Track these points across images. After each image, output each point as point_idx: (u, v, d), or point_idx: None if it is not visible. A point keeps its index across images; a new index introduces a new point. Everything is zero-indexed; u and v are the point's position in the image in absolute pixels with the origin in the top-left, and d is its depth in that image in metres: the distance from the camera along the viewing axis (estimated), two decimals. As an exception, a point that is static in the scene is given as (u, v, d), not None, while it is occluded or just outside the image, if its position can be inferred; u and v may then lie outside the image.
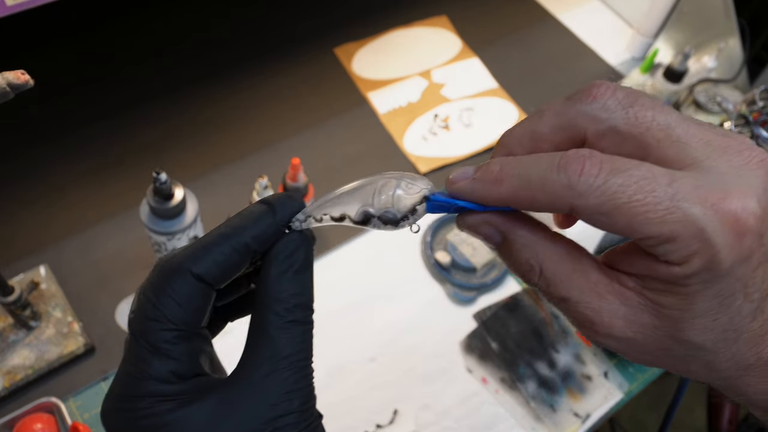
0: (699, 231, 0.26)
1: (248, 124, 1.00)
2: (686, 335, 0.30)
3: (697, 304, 0.28)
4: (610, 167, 0.26)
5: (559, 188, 0.27)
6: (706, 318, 0.29)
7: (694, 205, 0.26)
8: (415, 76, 1.10)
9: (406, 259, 0.89)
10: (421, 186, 0.32)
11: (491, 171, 0.29)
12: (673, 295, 0.28)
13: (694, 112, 0.97)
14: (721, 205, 0.26)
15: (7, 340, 0.75)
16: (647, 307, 0.30)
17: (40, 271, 0.80)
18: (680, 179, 0.26)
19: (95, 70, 1.01)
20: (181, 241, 0.71)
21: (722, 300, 0.29)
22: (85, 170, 0.91)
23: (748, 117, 0.74)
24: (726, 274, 0.28)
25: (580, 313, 0.31)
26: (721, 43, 1.04)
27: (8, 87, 0.51)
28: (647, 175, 0.26)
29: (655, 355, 0.31)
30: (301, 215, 0.33)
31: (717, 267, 0.27)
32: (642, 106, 0.28)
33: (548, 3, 1.23)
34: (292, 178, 0.80)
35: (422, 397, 0.77)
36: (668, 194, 0.26)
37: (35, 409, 0.69)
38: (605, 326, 0.30)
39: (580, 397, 0.80)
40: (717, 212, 0.26)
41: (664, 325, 0.30)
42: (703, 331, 0.29)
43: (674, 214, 0.26)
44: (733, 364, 0.31)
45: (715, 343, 0.30)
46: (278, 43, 1.09)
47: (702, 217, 0.26)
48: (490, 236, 0.31)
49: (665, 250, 0.27)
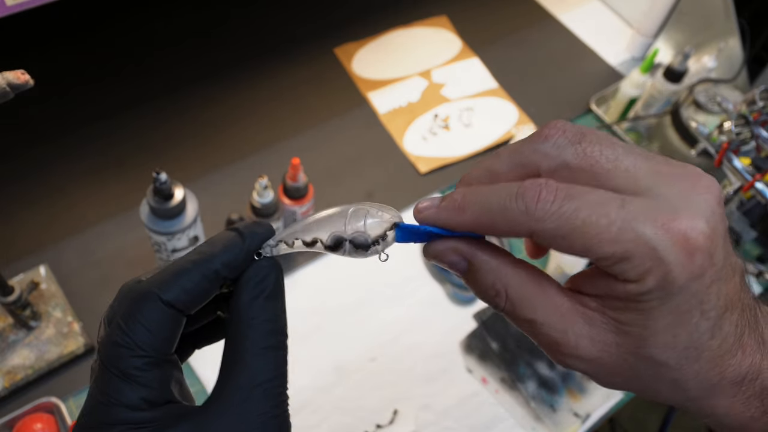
0: (651, 250, 0.28)
1: (248, 124, 1.00)
2: (648, 352, 0.31)
3: (655, 320, 0.30)
4: (565, 193, 0.28)
5: (518, 214, 0.29)
6: (666, 334, 0.30)
7: (645, 226, 0.28)
8: (415, 76, 1.10)
9: (406, 259, 0.89)
10: (390, 214, 0.33)
11: (455, 199, 0.31)
12: (632, 312, 0.30)
13: (694, 112, 0.97)
14: (671, 225, 0.28)
15: (7, 340, 0.75)
16: (609, 325, 0.31)
17: (40, 271, 0.80)
18: (631, 203, 0.28)
19: (95, 70, 1.01)
20: (180, 241, 0.71)
21: (679, 316, 0.30)
22: (85, 170, 0.91)
23: (748, 117, 0.74)
24: (680, 291, 0.29)
25: (546, 335, 0.32)
26: (721, 43, 1.04)
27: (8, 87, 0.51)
28: (600, 199, 0.28)
29: (623, 377, 0.32)
30: (272, 241, 0.34)
31: (670, 284, 0.28)
32: (590, 142, 0.30)
33: (548, 3, 1.23)
34: (292, 178, 0.80)
35: (422, 397, 0.76)
36: (620, 216, 0.28)
37: (35, 409, 0.69)
38: (571, 347, 0.32)
39: (580, 397, 0.80)
40: (667, 232, 0.28)
41: (626, 342, 0.31)
42: (664, 348, 0.31)
43: (627, 234, 0.28)
44: (698, 384, 0.32)
45: (678, 360, 0.31)
46: (278, 44, 1.09)
47: (653, 237, 0.28)
48: (455, 263, 0.33)
49: (621, 269, 0.29)
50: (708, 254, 0.29)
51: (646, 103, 1.05)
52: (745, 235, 0.91)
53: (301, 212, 0.83)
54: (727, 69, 1.04)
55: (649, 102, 1.04)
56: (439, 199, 0.32)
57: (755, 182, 0.73)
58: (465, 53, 1.14)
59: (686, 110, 0.98)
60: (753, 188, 0.74)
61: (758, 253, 0.97)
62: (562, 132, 0.30)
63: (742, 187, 0.75)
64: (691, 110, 0.98)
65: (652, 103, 1.04)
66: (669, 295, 0.29)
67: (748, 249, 0.97)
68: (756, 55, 1.13)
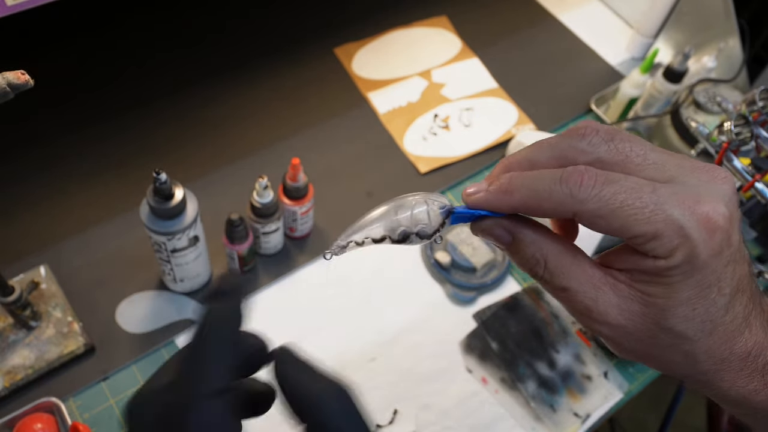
0: (679, 228, 0.32)
1: (248, 124, 1.00)
2: (670, 323, 0.35)
3: (678, 292, 0.34)
4: (604, 179, 0.32)
5: (563, 197, 0.32)
6: (686, 307, 0.34)
7: (674, 208, 0.32)
8: (415, 76, 1.10)
9: (406, 259, 0.89)
10: (444, 202, 0.37)
11: (503, 183, 0.35)
12: (658, 285, 0.34)
13: (693, 112, 0.97)
14: (696, 207, 0.32)
15: (7, 340, 0.75)
16: (636, 296, 0.35)
17: (40, 271, 0.80)
18: (661, 188, 0.32)
19: (96, 71, 1.01)
20: (180, 240, 0.71)
21: (700, 291, 0.34)
22: (85, 171, 0.91)
23: (748, 117, 0.74)
24: (703, 266, 0.33)
25: (579, 302, 0.36)
26: (721, 43, 1.04)
27: (8, 87, 0.51)
28: (634, 185, 0.32)
29: (644, 345, 0.36)
30: (342, 241, 0.37)
31: (695, 259, 0.33)
32: (621, 140, 0.34)
33: (548, 3, 1.23)
34: (292, 178, 0.80)
35: (422, 397, 0.77)
36: (652, 200, 0.32)
37: (35, 409, 0.70)
38: (601, 314, 0.35)
39: (580, 397, 0.80)
40: (693, 213, 0.32)
41: (650, 312, 0.35)
42: (684, 319, 0.35)
43: (658, 215, 0.32)
44: (709, 357, 0.36)
45: (695, 332, 0.35)
46: (278, 44, 1.09)
47: (681, 218, 0.32)
48: (501, 237, 0.36)
49: (652, 246, 0.33)
50: (726, 234, 0.33)
51: (646, 103, 1.05)
52: (745, 235, 0.91)
53: (301, 212, 0.83)
54: (727, 69, 1.04)
55: (649, 102, 1.04)
56: (485, 183, 0.36)
57: (755, 182, 0.73)
58: (465, 53, 1.14)
59: (686, 110, 0.98)
60: (753, 188, 0.74)
61: (758, 253, 0.97)
62: (595, 132, 0.34)
63: (742, 187, 0.75)
64: (691, 110, 0.98)
65: (652, 103, 1.04)
66: (693, 269, 0.33)
67: (748, 249, 0.97)
68: (756, 55, 1.13)
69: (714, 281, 0.34)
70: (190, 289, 0.82)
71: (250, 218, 0.80)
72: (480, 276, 0.88)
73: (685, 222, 0.32)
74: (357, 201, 0.93)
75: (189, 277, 0.79)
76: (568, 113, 1.08)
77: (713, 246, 0.33)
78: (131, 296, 0.81)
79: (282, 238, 0.86)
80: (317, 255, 0.87)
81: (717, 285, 0.35)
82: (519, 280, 0.89)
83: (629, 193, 0.32)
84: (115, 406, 0.74)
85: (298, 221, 0.85)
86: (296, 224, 0.85)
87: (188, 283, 0.80)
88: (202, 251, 0.77)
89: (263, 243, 0.84)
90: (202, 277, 0.82)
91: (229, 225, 0.77)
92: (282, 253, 0.87)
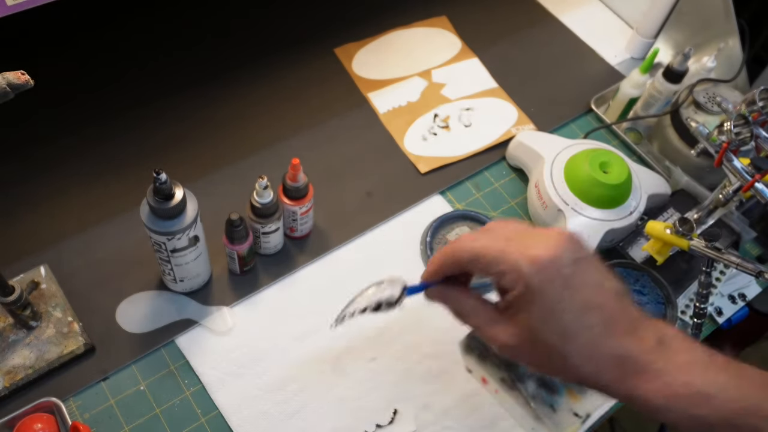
0: (516, 267, 0.49)
1: (248, 124, 1.00)
2: (537, 336, 0.50)
3: (532, 313, 0.50)
4: (473, 238, 0.54)
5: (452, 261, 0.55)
6: (543, 323, 0.50)
7: (513, 254, 0.50)
8: (415, 76, 1.10)
9: (406, 259, 0.89)
10: (403, 282, 0.59)
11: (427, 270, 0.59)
12: (519, 311, 0.50)
13: (693, 112, 0.97)
14: (526, 252, 0.49)
15: (7, 340, 0.75)
16: (513, 322, 0.52)
17: (40, 271, 0.80)
18: (510, 242, 0.51)
19: (96, 71, 1.02)
20: (180, 240, 0.71)
21: (545, 310, 0.49)
22: (85, 171, 0.91)
23: (748, 117, 0.74)
24: (539, 292, 0.49)
25: (483, 332, 0.55)
26: (721, 43, 1.04)
27: (8, 87, 0.51)
28: (493, 240, 0.52)
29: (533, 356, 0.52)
30: (340, 314, 0.60)
31: (531, 287, 0.49)
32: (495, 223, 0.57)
33: (548, 3, 1.23)
34: (292, 178, 0.80)
35: (422, 397, 0.77)
36: (503, 249, 0.50)
37: (35, 408, 0.70)
38: (499, 339, 0.53)
39: (580, 397, 0.80)
40: (524, 256, 0.49)
41: (524, 332, 0.51)
42: (546, 333, 0.50)
43: (505, 260, 0.50)
44: (582, 359, 0.50)
45: (557, 340, 0.49)
46: (278, 44, 1.09)
47: (517, 260, 0.49)
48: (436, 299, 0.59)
49: (505, 281, 0.50)
50: (554, 268, 0.49)
51: (646, 103, 1.05)
52: (745, 235, 0.91)
53: (301, 212, 0.83)
54: (727, 69, 1.04)
55: (648, 102, 1.04)
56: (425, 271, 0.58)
57: (755, 182, 0.73)
58: (465, 53, 1.14)
59: (686, 110, 0.98)
60: (753, 188, 0.74)
61: (758, 253, 0.97)
62: None
63: (742, 187, 0.75)
64: (691, 110, 0.98)
65: (652, 103, 1.04)
66: (533, 295, 0.49)
67: (748, 249, 0.97)
68: (756, 55, 1.13)
69: (555, 301, 0.49)
70: (190, 289, 0.82)
71: (250, 218, 0.80)
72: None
73: (520, 262, 0.49)
74: (357, 201, 0.94)
75: (189, 277, 0.79)
76: (567, 113, 1.08)
77: (542, 278, 0.48)
78: (131, 296, 0.81)
79: (282, 238, 0.86)
80: (317, 255, 0.87)
81: (559, 304, 0.49)
82: (519, 280, 0.89)
83: (489, 245, 0.51)
84: (115, 406, 0.74)
85: (298, 221, 0.85)
86: (296, 224, 0.85)
87: (188, 283, 0.80)
88: (202, 251, 0.77)
89: (263, 243, 0.84)
90: (202, 277, 0.82)
91: (229, 225, 0.77)
92: (282, 253, 0.87)
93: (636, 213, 0.88)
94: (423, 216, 0.93)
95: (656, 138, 1.04)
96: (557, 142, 0.94)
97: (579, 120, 1.08)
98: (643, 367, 0.50)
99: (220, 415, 0.74)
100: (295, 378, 0.77)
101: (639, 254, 0.87)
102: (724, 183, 0.79)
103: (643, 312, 0.54)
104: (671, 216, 0.92)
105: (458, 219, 0.93)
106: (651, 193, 0.91)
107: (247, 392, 0.76)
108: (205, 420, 0.74)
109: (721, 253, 0.75)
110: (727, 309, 0.91)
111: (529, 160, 0.96)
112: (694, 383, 0.49)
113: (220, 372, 0.77)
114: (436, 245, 0.90)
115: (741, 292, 0.92)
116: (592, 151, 0.89)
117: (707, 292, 0.79)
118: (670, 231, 0.79)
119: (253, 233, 0.81)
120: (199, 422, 0.74)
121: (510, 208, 0.97)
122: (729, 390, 0.49)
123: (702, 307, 0.79)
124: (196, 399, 0.75)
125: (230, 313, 0.81)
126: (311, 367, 0.78)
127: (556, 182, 0.89)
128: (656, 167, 1.01)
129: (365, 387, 0.77)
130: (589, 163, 0.86)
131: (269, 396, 0.76)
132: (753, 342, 1.23)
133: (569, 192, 0.87)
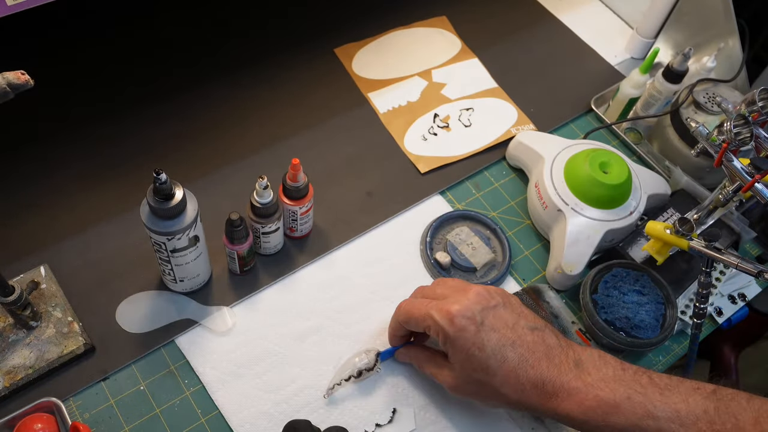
0: (435, 322, 0.65)
1: (248, 125, 1.00)
2: (468, 374, 0.64)
3: (457, 356, 0.65)
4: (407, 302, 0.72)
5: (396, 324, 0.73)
6: (466, 362, 0.64)
7: (434, 311, 0.66)
8: (415, 76, 1.10)
9: (406, 259, 0.89)
10: (375, 351, 0.75)
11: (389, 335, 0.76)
12: (449, 356, 0.66)
13: (693, 112, 0.97)
14: (443, 308, 0.65)
15: (7, 340, 0.75)
16: (450, 366, 0.67)
17: (40, 271, 0.80)
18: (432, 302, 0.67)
19: (95, 71, 1.02)
20: (181, 241, 0.71)
21: (464, 353, 0.64)
22: (86, 171, 0.91)
23: (748, 117, 0.74)
24: (455, 339, 0.64)
25: (438, 378, 0.70)
26: (721, 43, 1.04)
27: (8, 87, 0.51)
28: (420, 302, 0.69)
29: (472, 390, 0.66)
30: (330, 385, 0.74)
31: (447, 336, 0.64)
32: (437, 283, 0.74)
33: (548, 3, 1.23)
34: (292, 178, 0.80)
35: (422, 397, 0.77)
36: (427, 308, 0.67)
37: (35, 408, 0.70)
38: (447, 381, 0.68)
39: (580, 397, 0.80)
40: (441, 311, 0.65)
41: (459, 373, 0.66)
42: (471, 370, 0.64)
43: (429, 316, 0.66)
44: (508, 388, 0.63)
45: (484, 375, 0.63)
46: (278, 44, 1.09)
47: (436, 315, 0.65)
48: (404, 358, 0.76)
49: (432, 333, 0.67)
50: (467, 320, 0.63)
51: (646, 103, 1.05)
52: (745, 235, 0.91)
53: (301, 212, 0.83)
54: (727, 69, 1.04)
55: (648, 102, 1.04)
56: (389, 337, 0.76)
57: (755, 182, 0.73)
58: (465, 53, 1.14)
59: (686, 110, 0.98)
60: (752, 188, 0.74)
61: (758, 253, 0.97)
62: None
63: (742, 187, 0.75)
64: (691, 110, 0.98)
65: (651, 103, 1.04)
66: (451, 342, 0.64)
67: (748, 249, 0.97)
68: (756, 56, 1.13)
69: (471, 345, 0.63)
70: (190, 289, 0.82)
71: (250, 218, 0.80)
72: (480, 276, 0.88)
73: (438, 318, 0.65)
74: (357, 201, 0.94)
75: (189, 277, 0.79)
76: (567, 113, 1.08)
77: (455, 328, 0.63)
78: (131, 296, 0.81)
79: (282, 238, 0.86)
80: (317, 255, 0.87)
81: (476, 347, 0.63)
82: (519, 281, 0.89)
83: (417, 307, 0.68)
84: (115, 406, 0.74)
85: (298, 221, 0.85)
86: (296, 224, 0.85)
87: (188, 283, 0.80)
88: (202, 251, 0.77)
89: (263, 243, 0.84)
90: (202, 277, 0.82)
91: (229, 225, 0.77)
92: (282, 253, 0.87)
93: (636, 213, 0.88)
94: (423, 216, 0.93)
95: (656, 138, 1.05)
96: (557, 142, 0.94)
97: (579, 120, 1.08)
98: (559, 388, 0.61)
99: (220, 415, 0.74)
100: (295, 378, 0.77)
101: (639, 254, 0.87)
102: (723, 183, 0.79)
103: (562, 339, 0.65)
104: (671, 216, 0.92)
105: (458, 219, 0.93)
106: (651, 193, 0.91)
107: (247, 392, 0.76)
108: (205, 420, 0.74)
109: (721, 253, 0.75)
110: (727, 309, 0.91)
111: (529, 160, 0.96)
112: (603, 396, 0.59)
113: (220, 372, 0.77)
114: (436, 245, 0.90)
115: (741, 292, 0.92)
116: (592, 151, 0.89)
117: (707, 292, 0.79)
118: (669, 231, 0.79)
119: (253, 233, 0.81)
120: (199, 422, 0.74)
121: (510, 207, 0.97)
122: (634, 398, 0.58)
123: (702, 307, 0.79)
124: (196, 399, 0.75)
125: (230, 313, 0.81)
126: (311, 367, 0.78)
127: (556, 182, 0.89)
128: (656, 167, 1.01)
129: (365, 386, 0.77)
130: (589, 163, 0.86)
131: (269, 396, 0.76)
132: (753, 342, 1.24)
133: (569, 192, 0.87)
